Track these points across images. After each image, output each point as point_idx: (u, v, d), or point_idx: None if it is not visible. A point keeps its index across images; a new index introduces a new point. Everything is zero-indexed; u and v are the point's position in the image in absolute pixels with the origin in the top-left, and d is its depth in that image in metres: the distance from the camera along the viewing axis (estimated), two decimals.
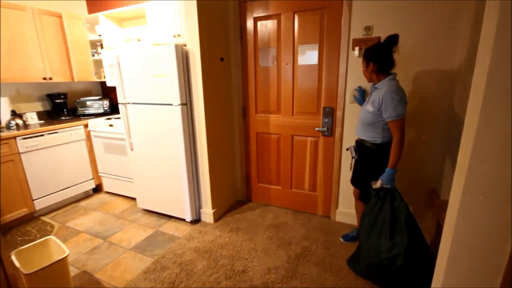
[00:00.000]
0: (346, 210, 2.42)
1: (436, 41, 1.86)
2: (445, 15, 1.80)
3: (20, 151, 2.44)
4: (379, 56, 1.65)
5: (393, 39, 1.61)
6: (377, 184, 1.65)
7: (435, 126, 1.99)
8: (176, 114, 2.24)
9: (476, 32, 1.70)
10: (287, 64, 2.40)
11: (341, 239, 2.20)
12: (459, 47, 1.80)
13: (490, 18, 0.79)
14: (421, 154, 2.07)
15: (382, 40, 1.98)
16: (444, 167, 1.99)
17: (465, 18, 1.75)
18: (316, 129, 2.38)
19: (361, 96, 2.06)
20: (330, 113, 2.30)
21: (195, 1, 2.08)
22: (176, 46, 2.11)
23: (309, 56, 2.30)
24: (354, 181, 2.03)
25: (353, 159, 1.97)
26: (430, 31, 1.86)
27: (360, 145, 1.88)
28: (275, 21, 2.35)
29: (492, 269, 0.90)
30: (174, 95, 2.20)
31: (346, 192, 2.36)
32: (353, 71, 2.13)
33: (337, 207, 2.46)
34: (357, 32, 2.06)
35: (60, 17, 2.94)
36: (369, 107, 1.71)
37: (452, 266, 0.96)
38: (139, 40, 3.08)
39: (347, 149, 2.05)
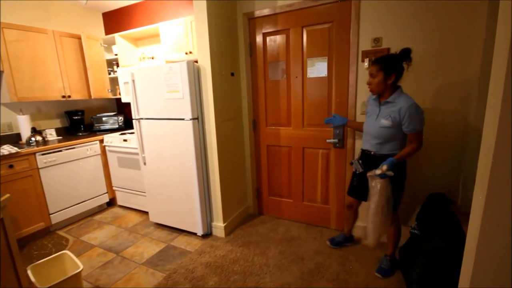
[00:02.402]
0: (361, 224, 2.34)
1: (447, 50, 1.84)
2: (456, 23, 1.79)
3: (39, 166, 2.53)
4: (400, 67, 1.62)
5: (408, 53, 1.60)
6: (380, 171, 1.60)
7: (449, 136, 1.93)
8: (187, 128, 2.28)
9: (490, 38, 1.68)
10: (296, 77, 2.42)
11: (328, 243, 2.24)
12: (473, 54, 1.77)
13: (505, 18, 0.78)
14: (434, 162, 2.01)
15: (392, 51, 1.99)
16: (459, 176, 1.91)
17: (477, 23, 1.73)
18: (327, 141, 2.36)
19: (338, 119, 2.08)
20: (341, 124, 2.28)
21: (206, 20, 2.15)
22: (188, 63, 2.17)
23: (318, 69, 2.32)
24: (356, 193, 1.97)
25: (357, 172, 1.91)
26: (440, 41, 1.84)
27: (373, 158, 1.79)
28: (284, 35, 2.40)
29: None
30: (186, 110, 2.25)
31: (360, 205, 2.29)
32: (363, 82, 2.12)
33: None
34: (366, 44, 2.07)
35: (79, 38, 3.10)
36: (384, 121, 1.65)
37: (477, 283, 0.91)
38: (152, 58, 3.21)
39: (351, 164, 1.95)
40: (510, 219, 0.82)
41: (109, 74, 3.37)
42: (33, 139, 2.69)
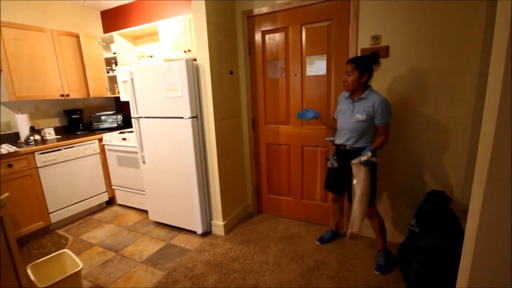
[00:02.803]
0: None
1: (446, 48, 1.84)
2: (455, 22, 1.79)
3: (38, 165, 2.52)
4: (372, 68, 1.79)
5: (376, 56, 1.79)
6: (367, 156, 1.68)
7: (448, 134, 1.94)
8: (187, 127, 2.27)
9: (488, 36, 1.68)
10: (295, 75, 2.42)
11: (318, 243, 2.27)
12: (472, 53, 1.77)
13: (503, 19, 0.78)
14: (434, 159, 2.02)
15: (391, 49, 2.00)
16: (456, 171, 1.92)
17: (476, 22, 1.73)
18: (326, 138, 2.36)
19: (311, 113, 2.10)
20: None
21: (205, 19, 2.14)
22: (187, 61, 2.16)
23: (317, 67, 2.32)
24: (335, 188, 2.07)
25: (333, 168, 2.00)
26: (439, 39, 1.84)
27: (348, 153, 1.88)
28: (283, 33, 2.39)
29: None
30: (185, 109, 2.24)
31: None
32: None
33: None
34: (365, 42, 2.07)
35: (77, 37, 3.09)
36: (359, 116, 1.79)
37: (475, 277, 0.91)
38: (151, 57, 3.20)
39: (327, 160, 2.06)
40: (509, 216, 0.83)
41: (108, 72, 3.36)
42: (31, 138, 2.68)
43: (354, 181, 1.76)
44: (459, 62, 1.82)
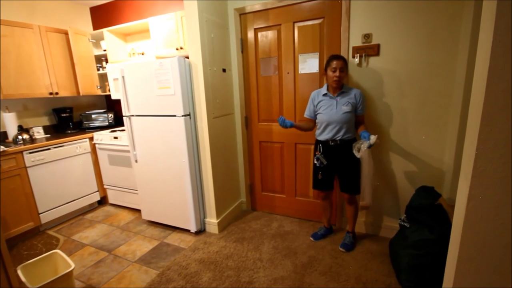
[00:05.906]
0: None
1: (435, 45, 1.87)
2: (444, 19, 1.82)
3: (27, 165, 2.47)
4: None
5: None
6: (374, 139, 1.76)
7: (437, 131, 1.98)
8: (179, 125, 2.26)
9: (476, 33, 1.71)
10: (288, 73, 2.42)
11: (311, 239, 2.30)
12: (460, 50, 1.81)
13: (488, 18, 0.80)
14: (424, 156, 2.06)
15: (381, 47, 2.03)
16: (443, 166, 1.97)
17: (464, 20, 1.76)
18: None
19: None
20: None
21: (197, 15, 2.13)
22: (179, 59, 2.15)
23: (310, 65, 2.33)
24: (325, 185, 2.12)
25: (321, 166, 2.05)
26: (429, 37, 1.87)
27: (335, 147, 1.99)
28: (275, 31, 2.40)
29: (502, 271, 0.88)
30: (178, 107, 2.23)
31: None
32: (354, 77, 2.15)
33: (342, 215, 2.43)
34: (357, 40, 2.08)
35: (66, 34, 3.03)
36: (345, 108, 1.93)
37: (461, 269, 0.94)
38: (142, 54, 3.16)
39: (317, 159, 2.06)
40: (493, 209, 0.86)
41: (98, 70, 3.30)
42: (20, 137, 2.62)
43: (362, 165, 1.90)
44: (448, 59, 1.86)
